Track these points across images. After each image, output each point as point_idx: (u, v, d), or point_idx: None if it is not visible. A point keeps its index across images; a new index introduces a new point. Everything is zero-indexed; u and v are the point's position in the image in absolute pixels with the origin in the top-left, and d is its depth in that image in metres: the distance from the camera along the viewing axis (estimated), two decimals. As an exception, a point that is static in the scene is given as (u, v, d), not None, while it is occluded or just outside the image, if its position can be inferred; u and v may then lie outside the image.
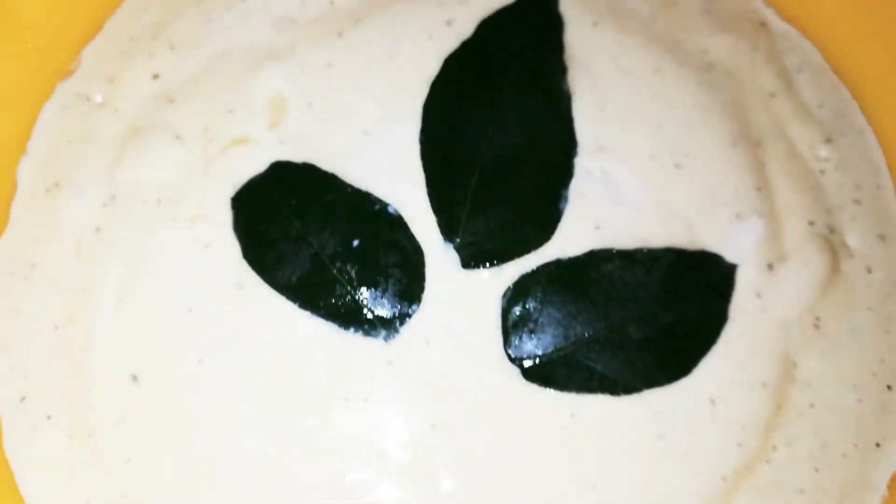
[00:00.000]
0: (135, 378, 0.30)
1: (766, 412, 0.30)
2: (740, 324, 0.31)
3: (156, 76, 0.35)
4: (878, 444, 0.30)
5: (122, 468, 0.30)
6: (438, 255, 0.31)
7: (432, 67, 0.34)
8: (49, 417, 0.30)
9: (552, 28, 0.35)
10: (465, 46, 0.35)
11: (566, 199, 0.32)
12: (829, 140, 0.34)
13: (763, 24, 0.37)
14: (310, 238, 0.31)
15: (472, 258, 0.31)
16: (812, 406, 0.30)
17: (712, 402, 0.30)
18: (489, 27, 0.35)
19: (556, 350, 0.30)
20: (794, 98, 0.35)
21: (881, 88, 0.37)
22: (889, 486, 0.30)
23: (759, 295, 0.31)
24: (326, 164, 0.33)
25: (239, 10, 0.36)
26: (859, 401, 0.30)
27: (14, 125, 0.34)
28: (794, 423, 0.30)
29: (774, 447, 0.30)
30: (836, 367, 0.31)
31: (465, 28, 0.35)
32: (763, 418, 0.30)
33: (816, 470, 0.30)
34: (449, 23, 0.36)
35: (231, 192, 0.32)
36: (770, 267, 0.32)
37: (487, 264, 0.31)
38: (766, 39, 0.36)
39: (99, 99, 0.34)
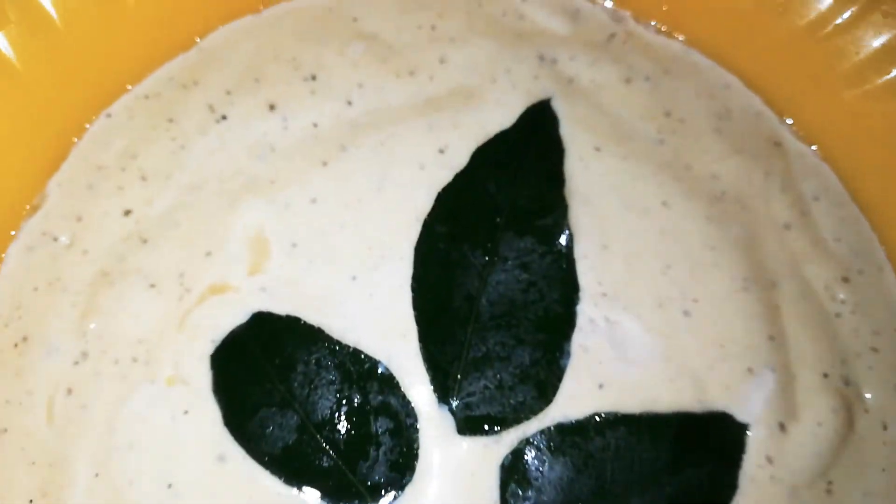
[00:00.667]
0: (113, 561, 0.27)
1: (777, 588, 0.27)
2: (750, 493, 0.27)
3: (127, 212, 0.30)
4: None
5: None
6: (433, 419, 0.28)
7: (424, 202, 0.30)
8: None
9: (552, 155, 0.30)
10: (459, 179, 0.30)
11: (569, 354, 0.28)
12: (845, 279, 0.30)
13: (778, 144, 0.31)
14: (295, 404, 0.28)
15: (469, 425, 0.28)
16: (825, 580, 0.27)
17: (722, 580, 0.27)
18: (484, 155, 0.30)
19: (558, 524, 0.27)
20: (810, 230, 0.30)
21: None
22: None
23: (769, 460, 0.28)
24: (312, 315, 0.29)
25: (214, 134, 0.31)
26: (874, 573, 0.28)
27: None
28: None
29: None
30: (849, 534, 0.28)
31: (458, 156, 0.30)
32: None
33: None
34: (441, 150, 0.31)
35: (209, 348, 0.28)
36: (782, 427, 0.28)
37: (485, 428, 0.28)
38: (780, 161, 0.31)
39: (66, 240, 0.30)
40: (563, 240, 0.30)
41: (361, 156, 0.31)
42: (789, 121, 0.32)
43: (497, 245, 0.30)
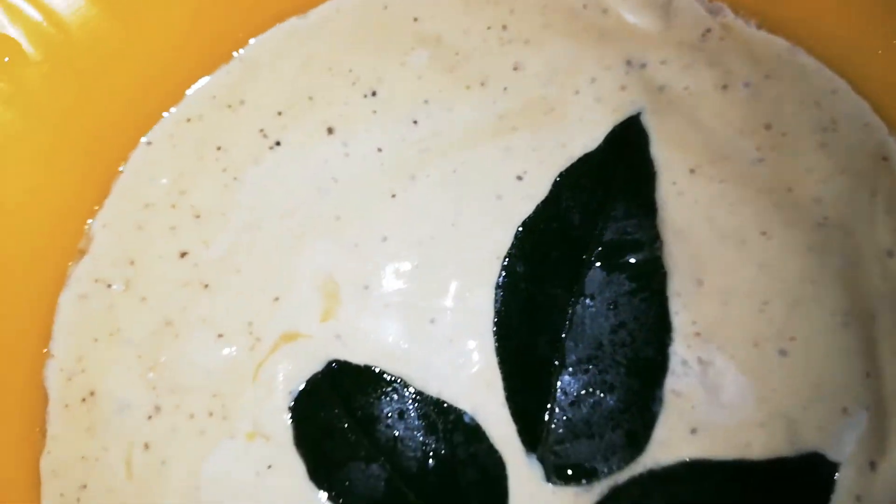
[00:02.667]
0: None
1: None
2: None
3: (183, 254, 0.28)
4: None
5: None
6: (521, 469, 0.27)
7: (503, 237, 0.28)
8: None
9: (643, 180, 0.28)
10: (540, 211, 0.28)
11: (661, 401, 0.27)
12: None
13: (886, 159, 0.29)
14: (381, 457, 0.27)
15: (558, 473, 0.27)
16: None
17: None
18: (567, 182, 0.28)
19: (646, 570, 0.26)
20: None
21: None
22: None
23: (858, 499, 0.27)
24: (390, 363, 0.27)
25: (268, 163, 0.28)
26: None
27: (31, 323, 0.28)
28: None
29: None
30: (932, 567, 0.31)
31: (538, 184, 0.28)
32: None
33: None
34: (520, 177, 0.28)
35: (287, 400, 0.27)
36: (872, 465, 0.27)
37: (575, 478, 0.27)
38: (887, 179, 0.29)
39: (120, 287, 0.28)
40: (655, 275, 0.28)
41: (432, 186, 0.28)
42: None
43: (583, 283, 0.28)
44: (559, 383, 0.28)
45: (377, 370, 0.28)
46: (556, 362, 0.28)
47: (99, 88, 0.28)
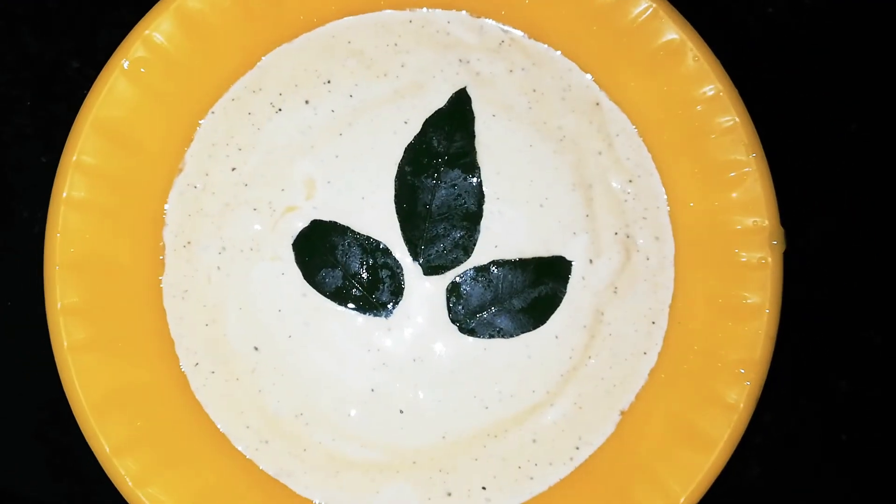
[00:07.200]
0: (256, 348, 0.56)
1: (585, 339, 0.54)
2: (573, 295, 0.54)
3: (233, 169, 0.56)
4: (644, 353, 0.56)
5: (257, 395, 0.55)
6: (410, 269, 0.55)
7: (398, 153, 0.55)
8: (213, 372, 0.54)
9: (467, 121, 0.56)
10: (417, 138, 0.55)
11: (479, 232, 0.54)
12: (631, 181, 0.56)
13: (598, 104, 0.60)
14: (339, 266, 0.55)
15: (429, 271, 0.54)
16: (610, 335, 0.55)
17: (556, 337, 0.55)
18: (430, 123, 0.55)
19: (476, 316, 0.55)
20: (613, 154, 0.56)
21: (666, 145, 0.56)
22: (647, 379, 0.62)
23: (583, 278, 0.55)
24: (344, 220, 0.54)
25: (275, 119, 0.55)
26: (636, 331, 0.55)
27: (156, 207, 0.56)
28: (600, 344, 0.55)
29: (589, 356, 0.55)
30: (624, 314, 0.55)
31: (416, 125, 0.55)
32: (584, 343, 0.55)
33: (611, 367, 0.56)
34: (406, 122, 0.55)
35: (290, 240, 0.55)
36: (591, 261, 0.55)
37: (437, 273, 0.56)
38: (598, 114, 0.56)
39: (201, 186, 0.57)
40: (474, 172, 0.57)
41: (361, 128, 0.57)
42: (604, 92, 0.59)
43: (440, 175, 0.57)
44: (428, 226, 0.57)
45: (336, 223, 0.57)
46: (427, 217, 0.57)
47: (187, 81, 0.57)
